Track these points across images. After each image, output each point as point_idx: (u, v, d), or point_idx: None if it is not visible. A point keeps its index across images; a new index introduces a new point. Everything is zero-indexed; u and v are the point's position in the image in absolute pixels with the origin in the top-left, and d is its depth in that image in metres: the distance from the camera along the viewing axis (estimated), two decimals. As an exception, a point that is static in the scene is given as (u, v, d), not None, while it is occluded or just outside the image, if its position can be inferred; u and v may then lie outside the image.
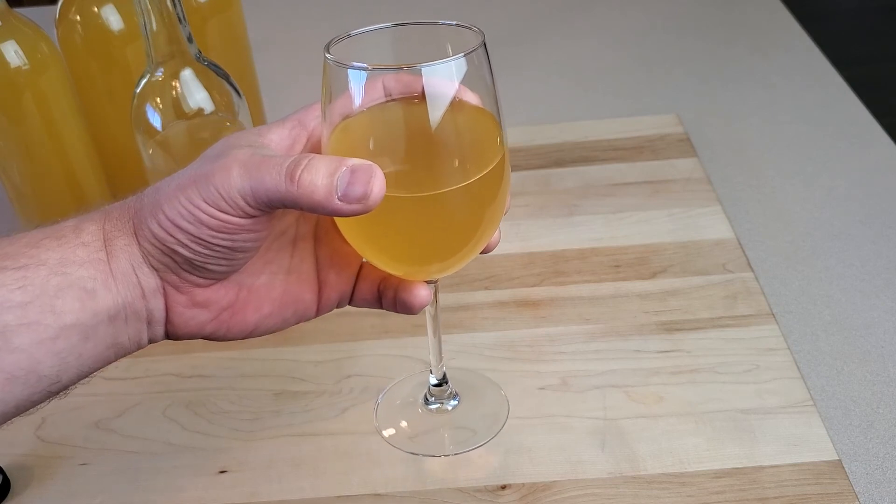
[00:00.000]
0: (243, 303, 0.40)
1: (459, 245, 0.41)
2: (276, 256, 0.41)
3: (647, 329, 0.55)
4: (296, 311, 0.41)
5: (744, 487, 0.45)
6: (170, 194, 0.35)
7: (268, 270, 0.40)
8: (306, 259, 0.42)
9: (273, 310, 0.41)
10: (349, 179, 0.34)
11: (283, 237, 0.41)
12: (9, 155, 0.61)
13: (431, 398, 0.51)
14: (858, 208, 0.67)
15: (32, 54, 0.58)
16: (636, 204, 0.67)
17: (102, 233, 0.36)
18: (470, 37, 0.38)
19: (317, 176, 0.34)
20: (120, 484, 0.48)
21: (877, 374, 0.52)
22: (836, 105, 0.83)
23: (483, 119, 0.39)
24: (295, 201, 0.34)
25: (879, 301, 0.58)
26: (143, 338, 0.38)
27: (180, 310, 0.38)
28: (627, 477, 0.46)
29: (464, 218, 0.40)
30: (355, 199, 0.34)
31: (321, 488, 0.47)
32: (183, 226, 0.35)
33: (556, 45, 1.00)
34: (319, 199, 0.34)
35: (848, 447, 0.48)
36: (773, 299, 0.58)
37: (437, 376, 0.50)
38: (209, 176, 0.35)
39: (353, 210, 0.35)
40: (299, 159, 0.35)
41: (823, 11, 2.20)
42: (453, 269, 0.42)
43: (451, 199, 0.38)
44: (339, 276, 0.42)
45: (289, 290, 0.41)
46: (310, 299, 0.42)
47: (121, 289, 0.36)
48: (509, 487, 0.46)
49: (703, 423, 0.48)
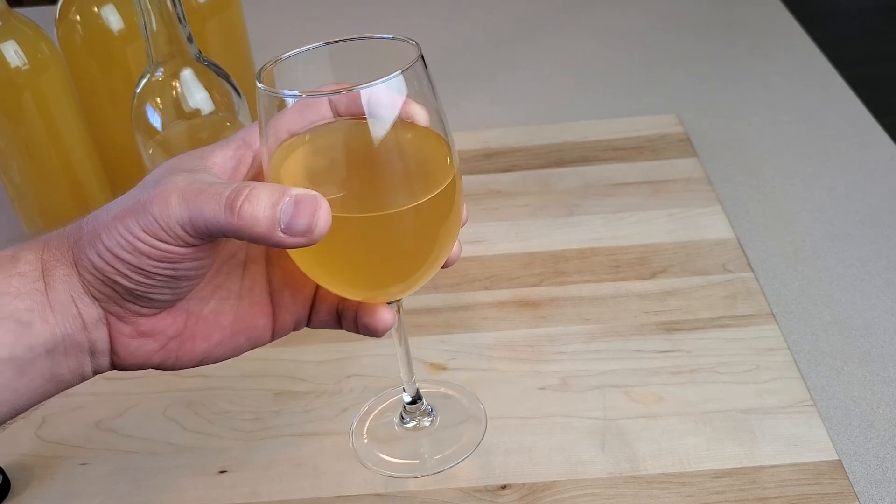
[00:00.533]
0: (191, 331, 0.38)
1: (416, 265, 0.39)
2: (225, 281, 0.39)
3: (647, 329, 0.55)
4: (248, 337, 0.40)
5: (744, 487, 0.45)
6: (107, 223, 0.34)
7: (217, 296, 0.39)
8: (258, 283, 0.40)
9: (223, 338, 0.39)
10: (293, 211, 0.33)
11: (233, 260, 0.39)
12: (9, 155, 0.61)
13: (406, 416, 0.49)
14: (858, 208, 0.67)
15: (32, 54, 0.58)
16: (636, 204, 0.67)
17: (40, 262, 0.35)
18: (408, 50, 0.37)
19: (258, 207, 0.33)
20: (120, 484, 0.48)
21: (877, 374, 0.52)
22: (836, 105, 0.83)
23: (429, 134, 0.38)
24: (236, 233, 0.33)
25: (879, 301, 0.58)
26: (86, 370, 0.36)
27: (125, 340, 0.36)
28: (627, 477, 0.46)
29: (418, 237, 0.38)
30: (300, 231, 0.33)
31: (321, 488, 0.47)
32: (122, 255, 0.33)
33: (556, 45, 1.00)
34: (262, 231, 0.33)
35: (848, 447, 0.48)
36: (773, 299, 0.58)
37: (410, 393, 0.48)
38: (147, 204, 0.33)
39: (298, 243, 0.33)
40: (240, 188, 0.33)
41: (823, 11, 2.20)
42: (413, 289, 0.41)
43: (402, 220, 0.36)
44: (295, 300, 0.41)
45: (240, 317, 0.39)
46: (263, 325, 0.40)
47: (59, 320, 0.34)
48: (509, 487, 0.46)
49: (703, 423, 0.48)
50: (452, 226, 0.39)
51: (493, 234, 0.65)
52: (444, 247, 0.40)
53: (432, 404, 0.50)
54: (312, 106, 0.37)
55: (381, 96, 0.35)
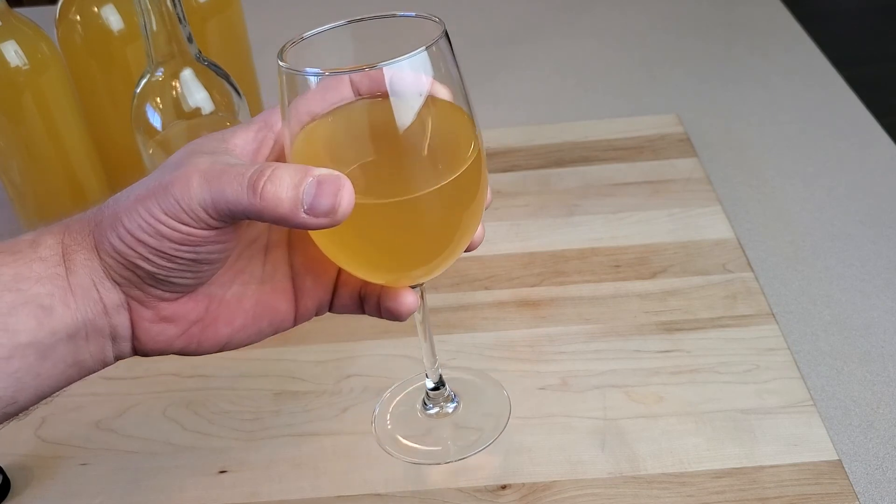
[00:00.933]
0: (214, 316, 0.38)
1: (440, 249, 0.39)
2: (247, 266, 0.39)
3: (647, 329, 0.55)
4: (271, 322, 0.39)
5: (744, 487, 0.45)
6: (129, 206, 0.33)
7: (239, 281, 0.38)
8: (280, 267, 0.40)
9: (246, 322, 0.39)
10: (316, 192, 0.32)
11: (255, 245, 0.39)
12: (9, 155, 0.61)
13: (429, 402, 0.49)
14: (858, 208, 0.67)
15: (32, 54, 0.58)
16: (636, 204, 0.67)
17: (61, 247, 0.35)
18: (431, 28, 0.36)
19: (281, 188, 0.32)
20: (120, 484, 0.48)
21: (877, 374, 0.52)
22: (836, 105, 0.83)
23: (454, 114, 0.37)
24: (259, 214, 0.33)
25: (879, 301, 0.58)
26: (107, 355, 0.36)
27: (147, 325, 0.36)
28: (627, 477, 0.46)
29: (442, 220, 0.38)
30: (323, 212, 0.33)
31: (321, 488, 0.47)
32: (143, 239, 0.33)
33: (556, 45, 1.00)
34: (284, 212, 0.32)
35: (848, 447, 0.48)
36: (773, 299, 0.58)
37: (433, 379, 0.48)
38: (168, 186, 0.33)
39: (321, 224, 0.33)
40: (262, 169, 0.33)
41: (823, 11, 2.20)
42: (437, 273, 0.41)
43: (427, 203, 0.36)
44: (317, 284, 0.40)
45: (262, 301, 0.39)
46: (286, 309, 0.40)
47: (80, 305, 0.34)
48: (509, 487, 0.46)
49: (703, 423, 0.48)
50: (477, 207, 0.39)
51: (493, 234, 0.65)
52: (468, 229, 0.39)
53: (455, 390, 0.50)
54: (334, 86, 0.36)
55: (405, 74, 0.34)
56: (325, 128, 0.37)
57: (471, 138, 0.38)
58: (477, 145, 0.38)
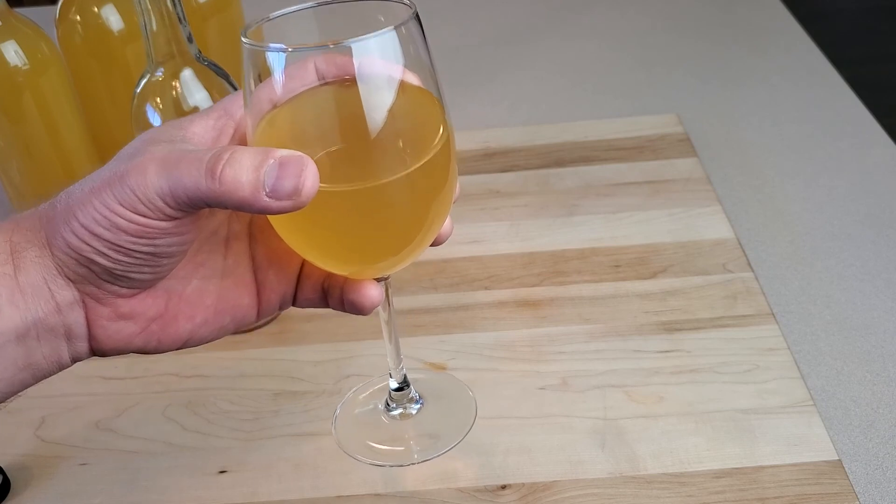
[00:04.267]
0: (174, 312, 0.36)
1: (406, 240, 0.37)
2: (207, 259, 0.37)
3: (647, 329, 0.55)
4: (234, 317, 0.38)
5: (744, 487, 0.45)
6: (82, 199, 0.32)
7: (199, 275, 0.37)
8: (241, 260, 0.38)
9: (208, 318, 0.37)
10: (277, 173, 0.31)
11: (215, 237, 0.38)
12: (9, 155, 0.61)
13: (393, 403, 0.48)
14: (858, 208, 0.67)
15: (32, 54, 0.58)
16: (636, 204, 0.67)
17: (9, 245, 0.33)
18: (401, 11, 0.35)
19: (241, 170, 0.31)
20: (119, 484, 0.48)
21: (877, 374, 0.52)
22: (836, 105, 0.83)
23: (422, 99, 0.36)
24: (218, 200, 0.31)
25: (879, 301, 0.58)
26: (63, 356, 0.35)
27: (104, 323, 0.35)
28: (627, 477, 0.46)
29: (408, 209, 0.36)
30: (285, 194, 0.31)
31: (321, 488, 0.47)
32: (99, 232, 0.32)
33: (556, 45, 1.00)
34: (245, 196, 0.31)
35: (848, 447, 0.48)
36: (773, 299, 0.58)
37: (397, 380, 0.47)
38: (124, 176, 0.31)
39: (284, 207, 0.32)
40: (220, 152, 0.31)
41: (823, 11, 2.20)
42: (402, 266, 0.39)
43: (393, 190, 0.34)
44: (280, 276, 0.39)
45: (224, 296, 0.38)
46: (248, 304, 0.38)
47: (30, 304, 0.33)
48: (509, 487, 0.46)
49: (703, 423, 0.48)
50: (445, 197, 0.37)
51: (492, 234, 0.65)
52: (435, 220, 0.38)
53: (420, 392, 0.49)
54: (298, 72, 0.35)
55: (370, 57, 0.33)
56: (288, 113, 0.35)
57: (439, 124, 0.36)
58: (446, 132, 0.36)
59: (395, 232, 0.37)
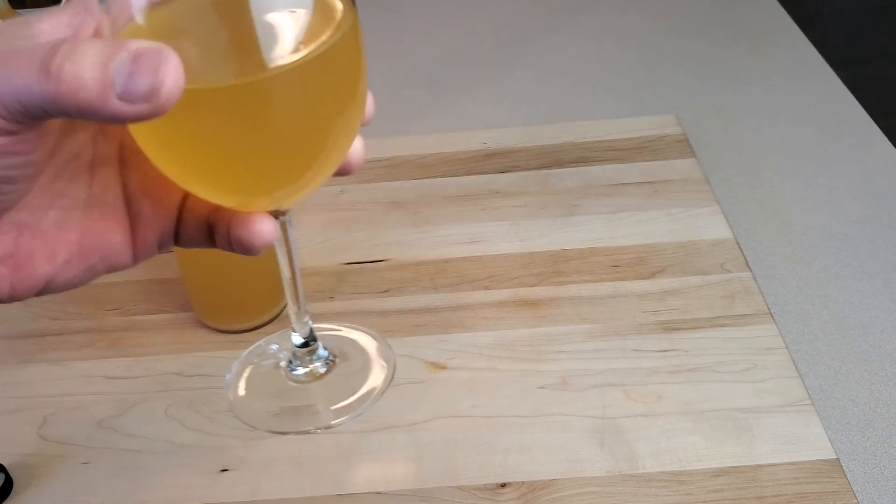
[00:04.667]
0: (27, 251, 0.30)
1: (299, 158, 0.31)
2: (67, 187, 0.31)
3: (645, 328, 0.56)
4: (103, 256, 0.32)
5: (742, 486, 0.45)
6: None
7: (57, 206, 0.31)
8: (110, 188, 0.32)
9: (71, 257, 0.31)
10: (130, 69, 0.24)
11: (77, 161, 0.31)
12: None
13: (296, 362, 0.41)
14: (857, 208, 0.68)
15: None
16: (635, 204, 0.68)
17: None
18: None
19: (84, 66, 0.24)
20: (121, 482, 0.48)
21: (874, 373, 0.53)
22: (835, 106, 0.83)
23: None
24: (56, 103, 0.25)
25: (877, 301, 0.58)
26: None
27: None
28: (626, 475, 0.46)
29: (301, 117, 0.29)
30: (140, 96, 0.25)
31: (322, 487, 0.47)
32: None
33: (556, 45, 1.00)
34: (89, 97, 0.24)
35: (846, 446, 0.48)
36: (771, 299, 0.58)
37: (301, 334, 0.40)
38: None
39: (139, 112, 0.25)
40: (58, 44, 0.25)
41: (821, 12, 2.20)
42: (299, 195, 0.33)
43: (279, 88, 0.28)
44: (157, 210, 0.33)
45: (90, 231, 0.31)
46: (120, 241, 0.32)
47: None
48: (509, 486, 0.46)
49: (701, 422, 0.49)
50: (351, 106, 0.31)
51: (492, 234, 0.65)
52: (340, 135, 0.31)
53: (330, 348, 0.42)
54: None
55: None
56: (154, 8, 0.29)
57: (340, 9, 0.30)
58: (350, 19, 0.30)
59: (284, 145, 0.30)
